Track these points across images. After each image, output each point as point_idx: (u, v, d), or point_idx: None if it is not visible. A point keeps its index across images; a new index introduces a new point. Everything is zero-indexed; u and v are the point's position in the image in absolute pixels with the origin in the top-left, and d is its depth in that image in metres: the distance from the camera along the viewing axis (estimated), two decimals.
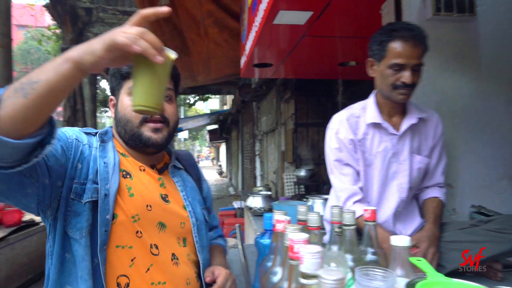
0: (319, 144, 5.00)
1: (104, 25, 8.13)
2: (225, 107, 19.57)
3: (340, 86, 4.58)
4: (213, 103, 21.50)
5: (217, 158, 31.78)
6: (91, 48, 0.70)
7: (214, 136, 17.37)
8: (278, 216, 0.78)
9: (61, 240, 0.92)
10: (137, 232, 0.96)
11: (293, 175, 4.84)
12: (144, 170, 1.07)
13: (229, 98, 17.15)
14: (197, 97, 12.61)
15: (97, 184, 0.94)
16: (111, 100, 1.11)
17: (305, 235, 0.58)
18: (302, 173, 4.52)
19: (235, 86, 9.74)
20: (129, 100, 1.02)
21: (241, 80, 8.33)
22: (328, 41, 2.66)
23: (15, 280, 4.03)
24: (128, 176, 1.02)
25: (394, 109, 1.47)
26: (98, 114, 11.86)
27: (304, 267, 0.51)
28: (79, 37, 7.93)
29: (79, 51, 0.69)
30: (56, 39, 10.79)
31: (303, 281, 0.51)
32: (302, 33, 2.43)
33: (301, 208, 0.93)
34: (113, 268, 0.93)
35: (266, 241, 0.93)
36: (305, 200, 2.94)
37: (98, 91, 10.90)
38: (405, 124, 1.45)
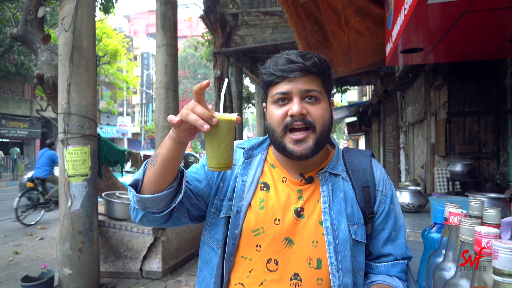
0: (479, 136, 4.36)
1: (248, 27, 8.76)
2: (364, 99, 18.81)
3: (509, 66, 3.88)
4: (351, 95, 20.87)
5: None
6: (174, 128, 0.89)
7: (353, 129, 16.87)
8: (452, 209, 0.72)
9: (201, 244, 1.11)
10: (256, 245, 1.00)
11: (446, 170, 4.35)
12: (285, 181, 1.05)
13: (369, 89, 16.42)
14: (335, 89, 12.46)
15: (232, 202, 1.05)
16: (264, 107, 1.09)
17: (495, 230, 0.53)
18: (458, 168, 4.02)
19: (375, 76, 9.26)
20: (275, 109, 1.00)
21: (382, 69, 7.87)
22: (497, 14, 2.27)
23: (181, 252, 4.75)
24: (265, 188, 1.05)
25: None
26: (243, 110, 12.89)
27: (500, 264, 0.46)
28: (227, 40, 8.76)
29: (173, 131, 0.89)
30: (208, 45, 12.14)
31: (496, 278, 0.46)
32: (462, 9, 2.14)
33: (474, 203, 0.84)
34: (235, 275, 1.02)
35: (435, 235, 0.87)
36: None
37: (243, 89, 11.85)
38: None
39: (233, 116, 0.86)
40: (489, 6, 2.15)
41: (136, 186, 0.99)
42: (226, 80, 0.97)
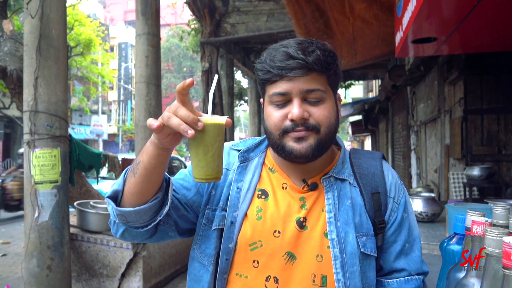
0: (498, 136, 4.41)
1: (240, 14, 8.75)
2: (371, 95, 18.92)
3: None
4: (356, 91, 20.95)
5: None
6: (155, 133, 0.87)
7: (358, 129, 16.98)
8: (475, 217, 0.72)
9: (191, 260, 1.09)
10: (253, 261, 0.99)
11: (463, 175, 4.39)
12: (286, 188, 1.05)
13: (376, 84, 16.52)
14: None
15: (226, 211, 1.04)
16: (262, 103, 1.09)
17: None
18: (476, 172, 4.05)
19: (383, 69, 9.33)
20: (272, 110, 0.99)
21: (391, 61, 7.92)
22: None
23: (165, 269, 4.72)
24: (263, 196, 1.04)
25: None
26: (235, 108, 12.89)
27: None
28: (216, 29, 8.75)
29: (154, 136, 0.87)
30: (194, 34, 12.13)
31: None
32: None
33: (499, 211, 0.84)
34: None
35: (455, 247, 0.87)
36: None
37: (234, 84, 11.84)
38: None
39: (223, 120, 0.84)
40: None
41: (116, 197, 0.97)
42: (216, 77, 0.94)
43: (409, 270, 1.04)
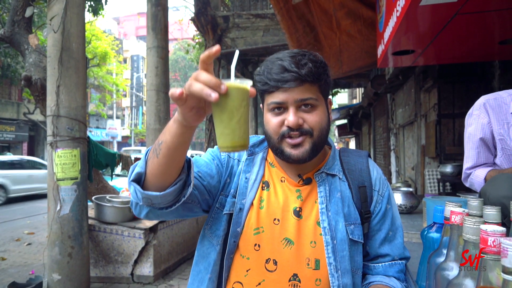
0: None
1: (240, 30, 8.75)
2: (355, 101, 18.94)
3: (496, 68, 3.94)
4: (342, 98, 20.99)
5: None
6: (178, 107, 0.77)
7: (343, 131, 16.99)
8: (453, 208, 0.72)
9: (201, 238, 1.07)
10: (255, 244, 0.99)
11: (437, 172, 4.39)
12: (284, 181, 1.05)
13: (359, 91, 16.55)
14: None
15: (235, 198, 1.03)
16: (262, 108, 1.07)
17: (501, 228, 0.52)
18: (448, 169, 4.06)
19: (366, 78, 9.34)
20: (271, 117, 0.98)
21: (372, 71, 7.94)
22: (487, 17, 2.30)
23: (173, 256, 4.70)
24: (265, 187, 1.04)
25: None
26: None
27: (510, 262, 0.45)
28: (218, 43, 8.74)
29: (178, 112, 0.78)
30: (198, 47, 12.10)
31: (506, 277, 0.45)
32: (454, 11, 2.16)
33: (474, 202, 0.84)
34: (233, 274, 1.00)
35: (435, 234, 0.86)
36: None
37: None
38: None
39: (247, 84, 0.72)
40: (479, 9, 2.18)
41: (139, 180, 0.89)
42: (237, 52, 0.82)
43: (392, 255, 1.04)
